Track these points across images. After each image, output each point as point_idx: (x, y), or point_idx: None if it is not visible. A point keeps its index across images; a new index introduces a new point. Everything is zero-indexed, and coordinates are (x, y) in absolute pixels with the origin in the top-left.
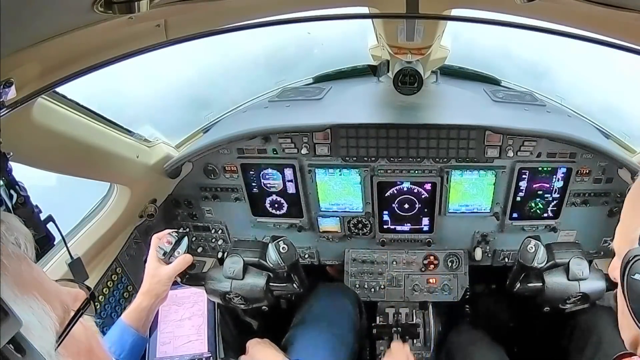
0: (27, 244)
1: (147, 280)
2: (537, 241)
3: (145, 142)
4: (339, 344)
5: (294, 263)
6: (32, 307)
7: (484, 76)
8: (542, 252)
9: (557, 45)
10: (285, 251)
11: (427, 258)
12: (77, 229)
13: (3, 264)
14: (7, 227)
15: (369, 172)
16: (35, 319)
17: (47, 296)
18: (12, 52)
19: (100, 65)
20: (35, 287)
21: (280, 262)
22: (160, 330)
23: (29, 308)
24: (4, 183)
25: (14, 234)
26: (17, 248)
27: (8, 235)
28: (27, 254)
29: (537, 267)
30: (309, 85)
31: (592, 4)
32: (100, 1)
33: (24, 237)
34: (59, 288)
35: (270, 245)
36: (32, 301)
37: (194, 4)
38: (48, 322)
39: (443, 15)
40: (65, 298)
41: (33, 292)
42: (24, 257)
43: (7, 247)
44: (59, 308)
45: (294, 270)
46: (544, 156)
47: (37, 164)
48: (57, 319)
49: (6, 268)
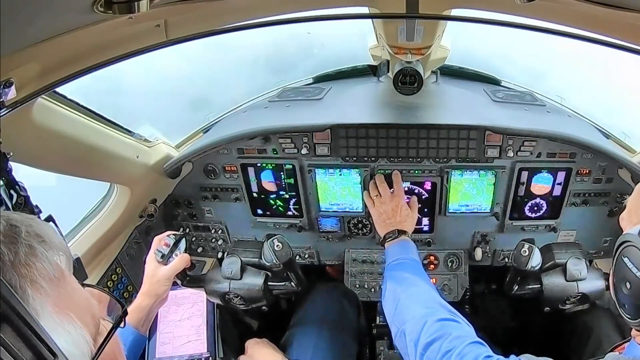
0: (66, 261)
1: (147, 281)
2: (530, 244)
3: (145, 142)
4: (338, 344)
5: (289, 261)
6: (70, 332)
7: (484, 76)
8: (537, 255)
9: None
10: (280, 249)
11: (427, 258)
12: (77, 229)
13: (44, 289)
14: (48, 245)
15: (369, 172)
16: (76, 350)
17: (81, 315)
18: (12, 52)
19: (100, 65)
20: (71, 307)
21: (275, 260)
22: (160, 330)
23: (68, 336)
24: (4, 183)
25: (54, 252)
26: (58, 269)
27: (48, 255)
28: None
29: (531, 271)
30: (309, 85)
31: (592, 4)
32: (100, 1)
33: (63, 252)
34: (90, 300)
35: (265, 244)
36: (69, 325)
37: (194, 4)
38: (84, 346)
39: (443, 15)
40: (95, 309)
41: (69, 313)
42: (63, 275)
43: (47, 269)
44: (91, 324)
45: (290, 268)
46: (544, 156)
47: (37, 164)
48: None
49: (47, 293)
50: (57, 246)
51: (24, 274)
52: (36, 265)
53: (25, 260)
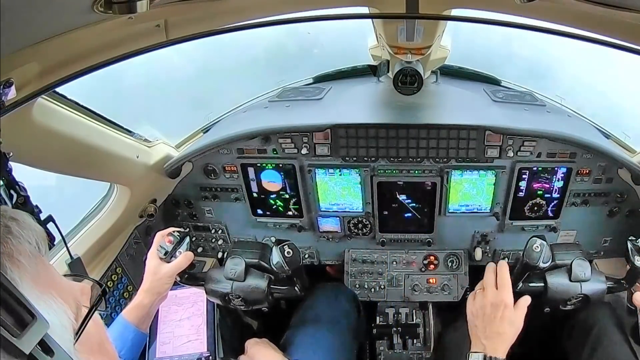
0: (40, 242)
1: (148, 278)
2: (542, 241)
3: (145, 142)
4: (337, 344)
5: (298, 267)
6: (51, 306)
7: (484, 76)
8: (547, 252)
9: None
10: (290, 255)
11: (427, 258)
12: (77, 229)
13: (22, 263)
14: (21, 226)
15: (369, 172)
16: (56, 319)
17: (62, 294)
18: (12, 52)
19: (100, 65)
20: (52, 286)
21: (284, 266)
22: (160, 330)
23: (49, 307)
24: (4, 183)
25: (28, 233)
26: (33, 247)
27: (24, 233)
28: (42, 253)
29: (541, 267)
30: (309, 85)
31: (592, 4)
32: (100, 1)
33: (38, 234)
34: (71, 284)
35: (275, 249)
36: (51, 300)
37: (194, 4)
38: (66, 321)
39: (443, 15)
40: (77, 294)
41: (50, 290)
42: (39, 255)
43: (23, 246)
44: (72, 305)
45: (297, 275)
46: (544, 156)
47: (37, 164)
48: (73, 315)
49: (25, 268)
50: (32, 228)
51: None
52: (12, 241)
53: (2, 238)
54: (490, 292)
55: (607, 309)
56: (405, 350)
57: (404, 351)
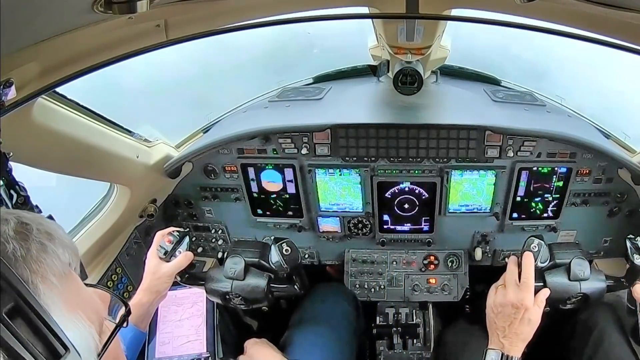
0: (72, 257)
1: (148, 277)
2: (540, 240)
3: (145, 142)
4: (337, 344)
5: (297, 265)
6: (79, 328)
7: (484, 76)
8: (545, 252)
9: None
10: (289, 253)
11: (427, 258)
12: (77, 229)
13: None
14: (56, 243)
15: (369, 172)
16: (84, 343)
17: (88, 312)
18: (12, 52)
19: (100, 65)
20: (79, 305)
21: (283, 264)
22: (160, 330)
23: (77, 329)
24: (4, 183)
25: (63, 250)
26: (65, 264)
27: (59, 252)
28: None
29: (539, 267)
30: (309, 85)
31: (592, 4)
32: (100, 1)
33: (71, 249)
34: (94, 299)
35: (273, 247)
36: (78, 321)
37: (194, 4)
38: (92, 343)
39: (443, 15)
40: (100, 308)
41: (78, 310)
42: (70, 272)
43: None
44: (97, 323)
45: (296, 273)
46: (544, 156)
47: (37, 164)
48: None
49: (56, 288)
50: (66, 244)
51: (35, 269)
52: (47, 261)
53: (37, 257)
54: (512, 291)
55: (607, 309)
56: (405, 350)
57: (404, 351)
